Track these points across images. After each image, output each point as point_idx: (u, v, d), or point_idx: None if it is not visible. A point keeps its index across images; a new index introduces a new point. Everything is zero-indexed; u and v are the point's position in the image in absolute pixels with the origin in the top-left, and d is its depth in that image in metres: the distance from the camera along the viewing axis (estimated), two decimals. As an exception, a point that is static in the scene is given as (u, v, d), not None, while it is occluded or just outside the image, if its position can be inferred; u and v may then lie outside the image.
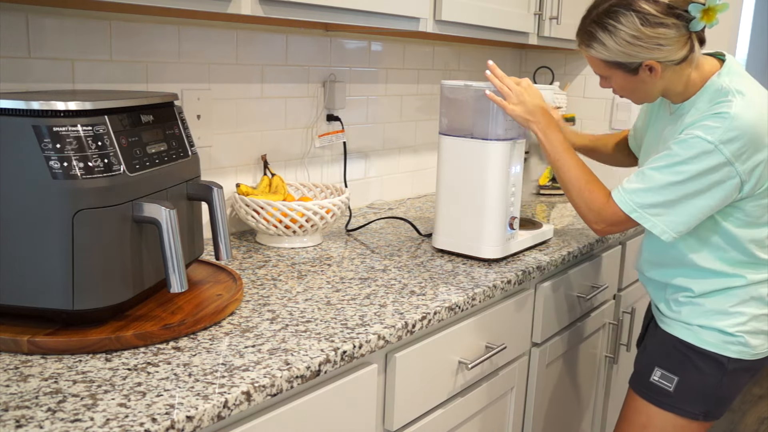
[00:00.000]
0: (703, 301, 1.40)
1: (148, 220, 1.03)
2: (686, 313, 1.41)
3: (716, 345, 1.38)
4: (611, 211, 1.36)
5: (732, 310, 1.38)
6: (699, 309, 1.40)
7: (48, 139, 0.94)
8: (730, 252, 1.37)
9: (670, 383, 1.42)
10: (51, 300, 0.98)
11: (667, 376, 1.42)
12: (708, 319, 1.39)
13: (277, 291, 1.29)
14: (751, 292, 1.38)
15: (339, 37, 1.93)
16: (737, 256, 1.37)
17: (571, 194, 1.44)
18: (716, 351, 1.38)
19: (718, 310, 1.38)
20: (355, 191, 2.08)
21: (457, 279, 1.41)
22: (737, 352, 1.38)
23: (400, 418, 1.22)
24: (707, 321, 1.39)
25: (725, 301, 1.38)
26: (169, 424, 0.81)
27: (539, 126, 1.46)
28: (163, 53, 1.51)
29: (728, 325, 1.38)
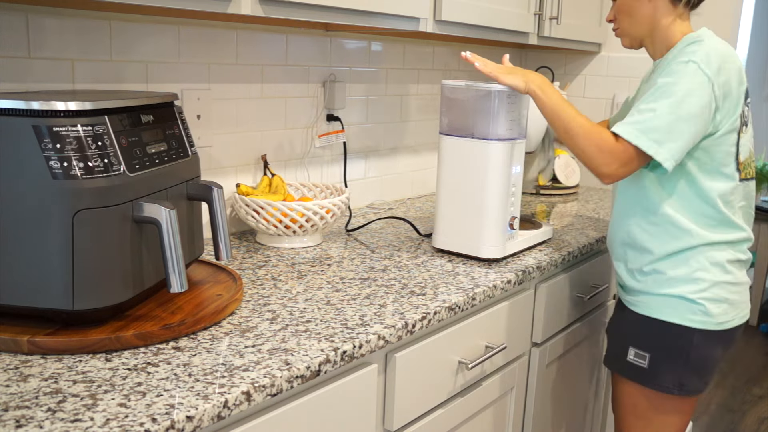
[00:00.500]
0: (665, 266, 1.45)
1: (148, 220, 1.03)
2: (650, 283, 1.47)
3: (680, 316, 1.44)
4: (621, 147, 1.36)
5: (694, 275, 1.43)
6: (662, 277, 1.45)
7: (48, 139, 0.94)
8: (695, 202, 1.42)
9: (644, 360, 1.48)
10: (51, 300, 0.97)
11: (640, 354, 1.49)
12: (671, 287, 1.44)
13: (277, 291, 1.29)
14: (709, 255, 1.42)
15: (339, 37, 1.93)
16: (702, 208, 1.42)
17: (579, 140, 1.40)
18: (680, 323, 1.44)
19: (680, 277, 1.44)
20: (355, 191, 2.08)
21: (457, 279, 1.41)
22: (700, 322, 1.43)
23: (400, 418, 1.22)
24: (670, 289, 1.44)
25: (686, 267, 1.43)
26: (169, 424, 0.81)
27: (536, 84, 1.45)
28: (163, 53, 1.51)
29: (689, 291, 1.43)
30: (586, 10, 2.38)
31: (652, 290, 1.47)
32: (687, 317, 1.43)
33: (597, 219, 2.04)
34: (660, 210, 1.44)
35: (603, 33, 2.53)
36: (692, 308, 1.43)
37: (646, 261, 1.47)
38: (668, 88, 1.34)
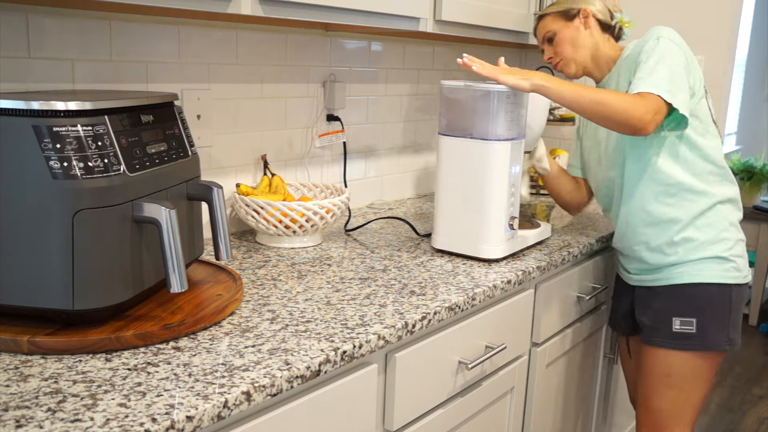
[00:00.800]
0: (693, 233, 1.57)
1: (148, 220, 1.03)
2: (684, 252, 1.58)
3: (718, 276, 1.56)
4: (652, 98, 1.45)
5: (720, 236, 1.57)
6: (693, 243, 1.57)
7: (48, 139, 0.94)
8: (700, 164, 1.57)
9: (692, 326, 1.58)
10: (51, 300, 0.97)
11: (686, 321, 1.58)
12: (705, 250, 1.57)
13: (277, 291, 1.29)
14: (725, 215, 1.58)
15: (339, 37, 1.93)
16: (707, 168, 1.57)
17: (614, 103, 1.44)
18: (720, 281, 1.56)
19: (710, 240, 1.57)
20: (355, 191, 2.08)
21: (457, 279, 1.41)
22: (734, 278, 1.58)
23: (400, 418, 1.22)
24: (703, 253, 1.57)
25: (712, 230, 1.57)
26: (169, 424, 0.81)
27: (540, 78, 1.47)
28: (163, 53, 1.51)
29: (721, 250, 1.57)
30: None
31: (688, 257, 1.57)
32: (725, 275, 1.57)
33: (597, 219, 2.04)
34: (673, 179, 1.56)
35: (603, 33, 2.53)
36: (727, 266, 1.57)
37: (675, 231, 1.58)
38: (653, 57, 1.49)
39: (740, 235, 1.61)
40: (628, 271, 1.73)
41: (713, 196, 1.57)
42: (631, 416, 2.41)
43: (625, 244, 1.68)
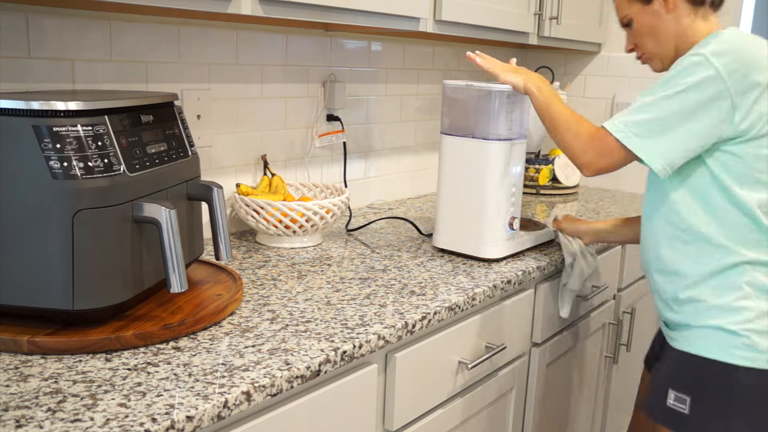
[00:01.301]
0: (704, 293, 1.26)
1: (148, 220, 1.03)
2: (689, 313, 1.29)
3: (720, 352, 1.24)
4: (599, 135, 1.29)
5: (736, 304, 1.23)
6: (701, 306, 1.27)
7: (48, 139, 0.94)
8: (731, 214, 1.24)
9: (684, 405, 1.28)
10: (51, 300, 0.97)
11: (681, 397, 1.28)
12: (710, 318, 1.26)
13: (277, 291, 1.29)
14: (753, 278, 1.23)
15: (339, 37, 1.93)
16: (739, 221, 1.24)
17: (560, 129, 1.36)
18: (721, 359, 1.23)
19: (721, 306, 1.25)
20: (355, 191, 2.08)
21: (457, 279, 1.41)
22: (745, 359, 1.22)
23: (400, 418, 1.22)
24: (707, 320, 1.26)
25: (728, 294, 1.24)
26: (169, 424, 0.81)
27: (533, 82, 1.43)
28: (163, 53, 1.51)
29: (731, 321, 1.23)
30: (586, 10, 2.38)
31: (692, 322, 1.28)
32: (730, 353, 1.23)
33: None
34: (690, 225, 1.27)
35: (603, 33, 2.54)
36: (734, 341, 1.22)
37: (681, 286, 1.30)
38: (667, 81, 1.24)
39: None
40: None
41: (738, 256, 1.24)
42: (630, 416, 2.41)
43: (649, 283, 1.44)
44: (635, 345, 2.26)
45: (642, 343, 2.36)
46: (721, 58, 1.19)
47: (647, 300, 2.33)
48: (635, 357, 2.32)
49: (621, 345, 2.08)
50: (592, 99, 2.61)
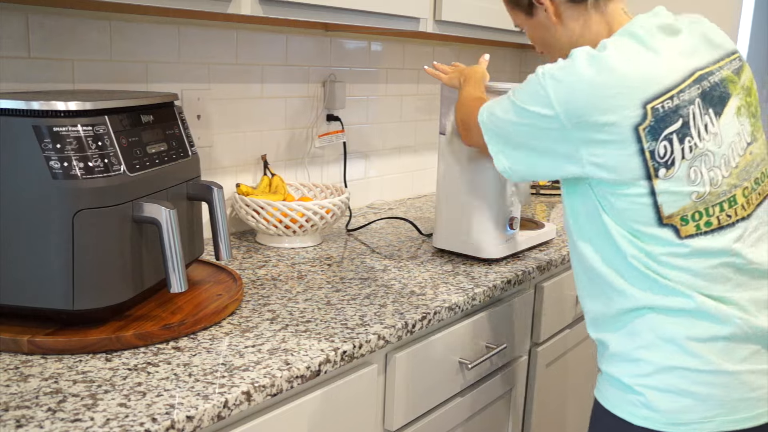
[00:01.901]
0: (609, 337, 1.09)
1: (148, 220, 1.03)
2: (600, 355, 1.14)
3: (619, 407, 1.07)
4: (474, 114, 1.19)
5: (635, 354, 1.05)
6: (605, 351, 1.11)
7: (48, 139, 0.94)
8: (620, 256, 1.05)
9: None
10: (51, 300, 0.97)
11: None
12: (610, 365, 1.09)
13: (277, 291, 1.29)
14: (658, 327, 1.03)
15: (339, 37, 1.93)
16: (632, 264, 1.04)
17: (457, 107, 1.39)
18: (620, 415, 1.06)
19: (620, 354, 1.07)
20: (355, 191, 2.08)
21: (457, 279, 1.41)
22: (643, 418, 1.03)
23: (400, 418, 1.22)
24: (608, 367, 1.10)
25: (629, 341, 1.06)
26: (169, 424, 0.81)
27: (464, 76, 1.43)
28: (163, 53, 1.51)
29: (627, 374, 1.06)
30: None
31: (601, 366, 1.13)
32: (624, 408, 1.06)
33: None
34: (590, 264, 1.09)
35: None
36: (629, 397, 1.05)
37: (591, 325, 1.15)
38: (512, 101, 1.08)
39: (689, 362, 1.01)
40: None
41: (635, 300, 1.04)
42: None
43: None
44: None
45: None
46: (558, 85, 1.02)
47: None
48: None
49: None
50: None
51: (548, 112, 1.01)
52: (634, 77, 0.98)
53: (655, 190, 1.00)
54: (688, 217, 1.01)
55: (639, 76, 0.98)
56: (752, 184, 1.05)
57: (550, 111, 1.01)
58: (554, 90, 1.01)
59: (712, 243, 1.02)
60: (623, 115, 0.97)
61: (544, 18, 1.17)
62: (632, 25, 1.05)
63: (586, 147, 1.01)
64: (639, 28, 1.04)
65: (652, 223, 1.01)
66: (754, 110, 1.08)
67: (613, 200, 1.02)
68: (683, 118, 0.99)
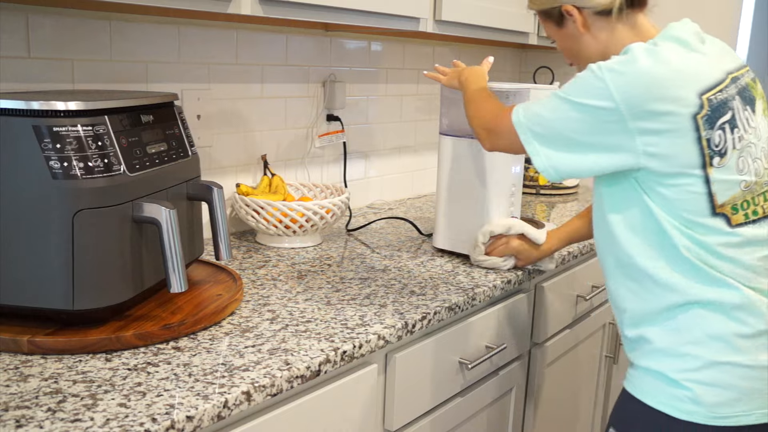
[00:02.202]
0: (652, 333, 1.11)
1: (148, 220, 1.03)
2: (637, 353, 1.15)
3: (661, 401, 1.08)
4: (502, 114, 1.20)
5: (682, 349, 1.07)
6: (647, 347, 1.12)
7: (48, 139, 0.94)
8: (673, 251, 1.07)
9: None
10: (51, 300, 0.97)
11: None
12: (652, 360, 1.11)
13: (277, 291, 1.29)
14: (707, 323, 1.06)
15: (339, 37, 1.93)
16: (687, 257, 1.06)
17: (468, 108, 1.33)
18: (662, 409, 1.08)
19: (665, 349, 1.09)
20: (355, 191, 2.08)
21: (457, 279, 1.41)
22: (687, 412, 1.06)
23: (400, 418, 1.22)
24: (650, 362, 1.11)
25: (675, 336, 1.08)
26: (169, 424, 0.81)
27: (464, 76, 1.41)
28: (163, 53, 1.51)
29: (674, 369, 1.07)
30: (586, 10, 2.38)
31: (637, 361, 1.14)
32: (667, 403, 1.07)
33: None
34: (633, 260, 1.11)
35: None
36: (677, 392, 1.07)
37: (628, 324, 1.16)
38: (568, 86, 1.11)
39: (735, 357, 1.05)
40: None
41: (687, 295, 1.07)
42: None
43: None
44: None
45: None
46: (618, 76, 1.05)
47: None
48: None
49: (621, 345, 2.08)
50: (592, 99, 2.61)
51: (608, 104, 1.04)
52: (688, 71, 1.04)
53: (709, 179, 1.04)
54: (738, 206, 1.07)
55: (692, 70, 1.05)
56: None
57: (610, 103, 1.04)
58: (613, 82, 1.04)
59: (759, 231, 1.08)
60: (682, 104, 1.02)
61: (573, 29, 1.22)
62: (672, 30, 1.11)
63: (642, 136, 1.04)
64: (681, 33, 1.10)
65: (705, 212, 1.05)
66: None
67: (664, 191, 1.06)
68: (731, 111, 1.06)
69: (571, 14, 1.20)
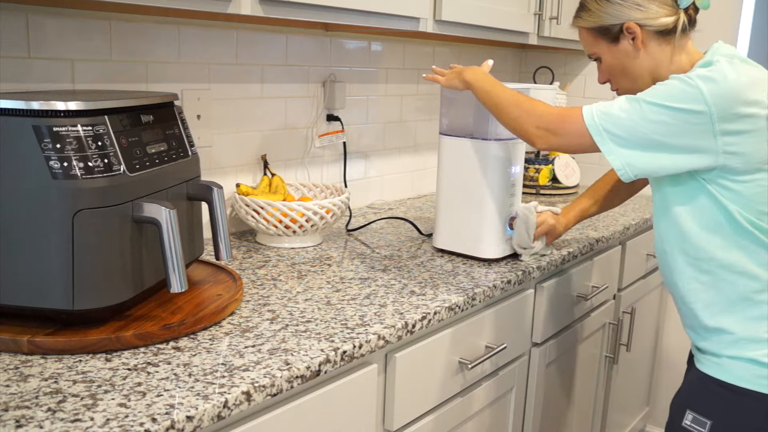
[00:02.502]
0: (731, 323, 1.22)
1: (148, 220, 1.03)
2: (716, 342, 1.25)
3: (750, 380, 1.20)
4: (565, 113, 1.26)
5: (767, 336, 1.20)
6: (729, 338, 1.23)
7: (48, 139, 0.94)
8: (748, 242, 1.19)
9: (704, 427, 1.24)
10: (51, 300, 0.97)
11: (699, 420, 1.25)
12: (739, 349, 1.21)
13: (277, 291, 1.29)
14: None
15: (339, 37, 1.93)
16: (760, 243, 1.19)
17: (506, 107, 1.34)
18: (751, 387, 1.20)
19: (748, 338, 1.21)
20: (355, 191, 2.08)
21: (457, 279, 1.41)
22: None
23: (400, 418, 1.22)
24: (738, 351, 1.21)
25: (755, 325, 1.20)
26: (169, 424, 0.81)
27: (468, 76, 1.43)
28: (163, 53, 1.51)
29: (763, 354, 1.19)
30: (586, 10, 2.38)
31: (720, 351, 1.24)
32: (760, 382, 1.19)
33: (597, 219, 2.04)
34: (707, 254, 1.22)
35: (603, 33, 2.53)
36: (765, 372, 1.19)
37: (706, 316, 1.26)
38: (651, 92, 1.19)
39: None
40: None
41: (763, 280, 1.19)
42: (631, 416, 2.41)
43: None
44: (635, 345, 2.26)
45: (642, 343, 2.37)
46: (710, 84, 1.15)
47: (647, 300, 2.33)
48: (635, 357, 2.32)
49: (621, 345, 2.08)
50: (592, 99, 2.61)
51: (701, 107, 1.14)
52: (760, 79, 1.18)
53: None
54: None
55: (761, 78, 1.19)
56: None
57: (703, 107, 1.14)
58: (707, 87, 1.14)
59: None
60: (762, 106, 1.16)
61: (628, 46, 1.29)
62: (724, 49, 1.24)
63: (724, 137, 1.15)
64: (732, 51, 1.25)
65: None
66: None
67: (737, 187, 1.18)
68: None
69: (632, 32, 1.26)
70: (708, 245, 1.22)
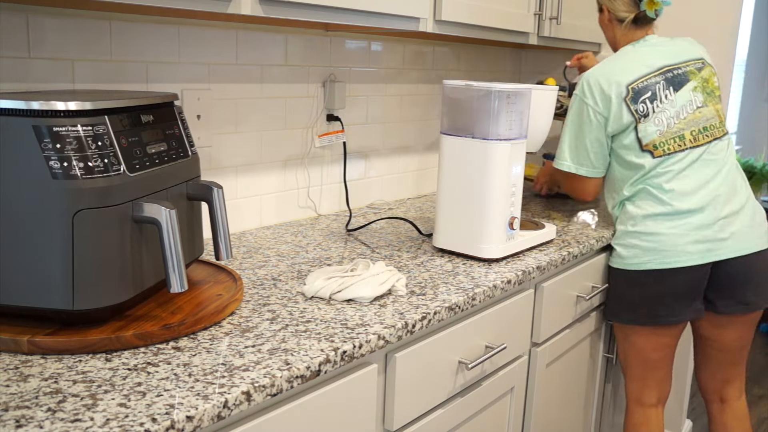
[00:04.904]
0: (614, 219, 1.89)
1: (148, 220, 1.03)
2: None
3: (611, 258, 1.87)
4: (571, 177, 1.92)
5: (616, 227, 1.85)
6: None
7: (48, 139, 0.94)
8: (617, 177, 1.85)
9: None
10: (51, 300, 0.97)
11: None
12: None
13: (277, 291, 1.29)
14: (626, 210, 1.81)
15: (339, 37, 1.93)
16: (625, 174, 1.83)
17: None
18: (609, 263, 1.89)
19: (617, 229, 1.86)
20: (355, 191, 2.08)
21: (457, 279, 1.41)
22: (614, 262, 1.85)
23: (400, 418, 1.22)
24: None
25: (618, 219, 1.85)
26: (169, 424, 0.81)
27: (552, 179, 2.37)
28: (163, 53, 1.51)
29: (612, 238, 1.87)
30: (586, 10, 2.38)
31: None
32: (611, 259, 1.88)
33: (597, 219, 2.04)
34: (610, 182, 1.91)
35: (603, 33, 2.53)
36: (613, 252, 1.86)
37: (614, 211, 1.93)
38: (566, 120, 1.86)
39: (637, 227, 1.77)
40: None
41: (620, 195, 1.85)
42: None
43: None
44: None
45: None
46: (587, 94, 1.82)
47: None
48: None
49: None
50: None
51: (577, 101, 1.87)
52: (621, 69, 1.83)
53: (637, 131, 1.78)
54: (657, 145, 1.78)
55: (620, 68, 1.82)
56: (700, 129, 1.79)
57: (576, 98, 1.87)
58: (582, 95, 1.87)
59: (695, 153, 1.79)
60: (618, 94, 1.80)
61: (604, 18, 1.92)
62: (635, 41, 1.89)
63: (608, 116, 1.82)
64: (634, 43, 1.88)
65: (634, 152, 1.80)
66: (710, 91, 1.82)
67: (618, 150, 1.84)
68: (651, 91, 1.78)
69: (603, 10, 1.91)
70: (610, 173, 1.91)
